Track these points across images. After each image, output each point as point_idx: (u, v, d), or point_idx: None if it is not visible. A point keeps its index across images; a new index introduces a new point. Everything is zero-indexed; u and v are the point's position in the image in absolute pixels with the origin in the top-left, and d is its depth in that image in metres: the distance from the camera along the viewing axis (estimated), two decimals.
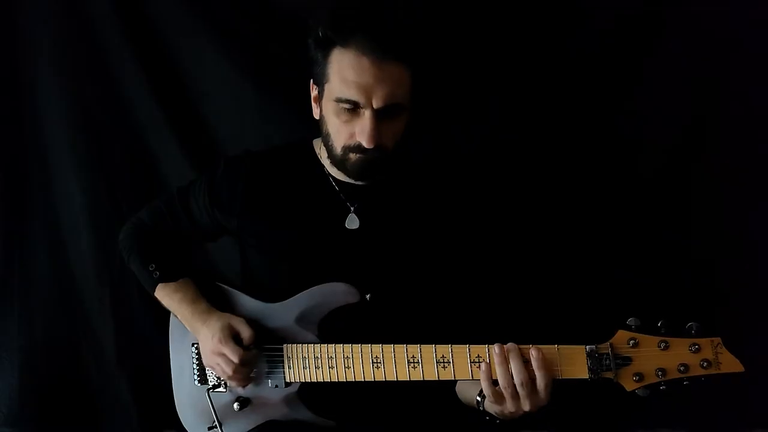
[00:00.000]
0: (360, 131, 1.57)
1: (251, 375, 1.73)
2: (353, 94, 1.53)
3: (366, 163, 1.62)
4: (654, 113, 2.19)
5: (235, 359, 1.65)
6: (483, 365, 1.47)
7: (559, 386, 1.46)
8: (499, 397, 1.47)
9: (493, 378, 1.47)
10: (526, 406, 1.46)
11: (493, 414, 1.55)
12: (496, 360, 1.45)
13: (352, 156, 1.62)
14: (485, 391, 1.48)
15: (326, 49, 1.57)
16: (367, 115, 1.55)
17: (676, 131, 2.21)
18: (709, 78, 2.15)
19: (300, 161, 1.81)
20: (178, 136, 2.41)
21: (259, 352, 1.71)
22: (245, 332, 1.68)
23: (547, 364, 1.43)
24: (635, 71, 2.18)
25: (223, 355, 1.66)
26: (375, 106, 1.54)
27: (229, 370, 1.67)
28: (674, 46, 2.15)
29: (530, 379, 1.43)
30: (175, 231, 1.90)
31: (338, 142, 1.62)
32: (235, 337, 1.68)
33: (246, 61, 2.32)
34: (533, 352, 1.44)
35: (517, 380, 1.43)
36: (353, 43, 1.52)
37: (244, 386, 1.74)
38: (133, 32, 2.35)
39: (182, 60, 2.38)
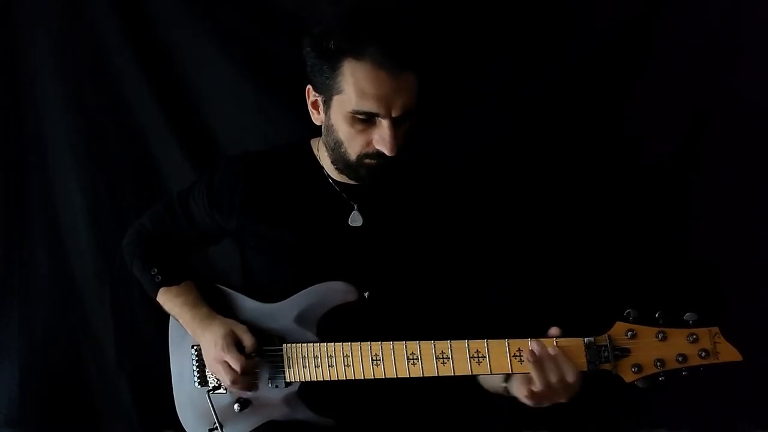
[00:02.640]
0: (380, 140, 1.56)
1: (254, 381, 1.73)
2: (373, 107, 1.52)
3: (381, 168, 1.61)
4: (655, 113, 2.19)
5: (238, 368, 1.65)
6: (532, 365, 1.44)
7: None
8: (539, 399, 1.47)
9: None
10: (563, 398, 1.46)
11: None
12: (532, 367, 1.43)
13: (368, 162, 1.61)
14: (524, 399, 1.49)
15: (335, 60, 1.54)
16: (385, 124, 1.54)
17: (677, 131, 2.21)
18: (709, 78, 2.15)
19: (299, 161, 1.81)
20: (178, 136, 2.41)
21: (262, 359, 1.71)
22: (247, 340, 1.68)
23: (569, 358, 1.43)
24: (636, 71, 2.19)
25: (225, 363, 1.66)
26: (394, 115, 1.53)
27: (230, 379, 1.67)
28: (674, 47, 2.16)
29: (563, 377, 1.43)
30: (176, 234, 1.91)
31: (353, 150, 1.61)
32: (237, 344, 1.68)
33: (246, 62, 2.32)
34: (550, 350, 1.43)
35: (553, 379, 1.42)
36: (368, 55, 1.50)
37: (246, 392, 1.74)
38: (133, 32, 2.36)
39: (182, 60, 2.38)
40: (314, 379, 1.66)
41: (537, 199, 2.24)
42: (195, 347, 1.82)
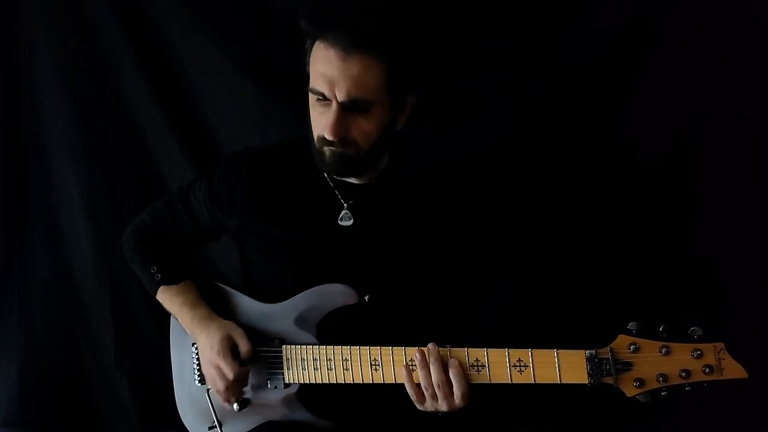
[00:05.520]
0: (325, 123, 1.56)
1: (244, 388, 1.74)
2: (321, 86, 1.53)
3: (337, 157, 1.60)
4: (655, 113, 2.17)
5: (230, 376, 1.65)
6: (404, 369, 1.54)
7: (477, 390, 1.51)
8: (420, 397, 1.54)
9: (416, 382, 1.54)
10: (443, 407, 1.53)
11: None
12: (418, 364, 1.52)
13: (326, 149, 1.61)
14: (409, 391, 1.55)
15: (310, 40, 1.58)
16: (333, 107, 1.54)
17: (676, 131, 2.20)
18: (708, 77, 2.14)
19: (298, 159, 1.78)
20: (178, 135, 2.41)
21: (258, 363, 1.71)
22: (243, 346, 1.67)
23: (462, 373, 1.50)
24: (635, 71, 2.17)
25: (218, 368, 1.66)
26: (339, 99, 1.53)
27: (222, 385, 1.68)
28: (674, 46, 2.14)
29: (447, 382, 1.50)
30: (176, 231, 1.89)
31: (315, 133, 1.62)
32: (233, 349, 1.67)
33: (246, 61, 2.32)
34: (451, 361, 1.50)
35: (434, 380, 1.50)
36: (326, 35, 1.53)
37: (232, 402, 1.74)
38: (133, 31, 2.35)
39: (182, 60, 2.38)
40: (313, 381, 1.66)
41: (535, 200, 2.23)
42: (195, 345, 1.81)
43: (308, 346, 1.66)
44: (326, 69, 1.52)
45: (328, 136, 1.55)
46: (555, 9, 2.16)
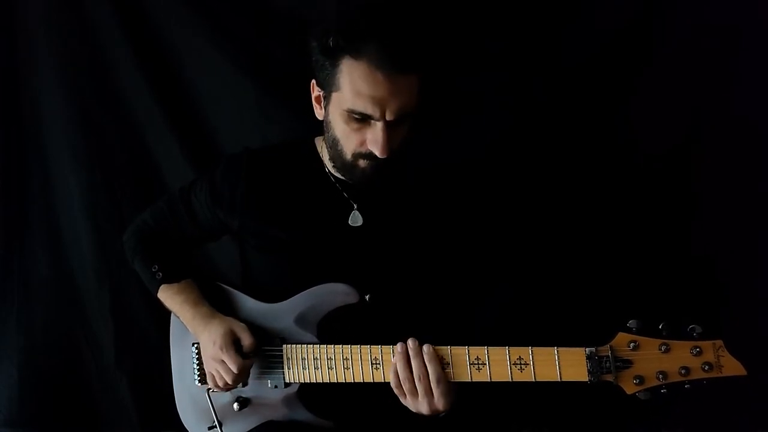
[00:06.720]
0: (372, 141, 1.54)
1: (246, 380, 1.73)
2: (367, 108, 1.50)
3: (376, 169, 1.59)
4: (655, 113, 2.18)
5: (234, 369, 1.65)
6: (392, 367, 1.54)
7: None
8: (401, 393, 1.54)
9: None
10: (423, 407, 1.53)
11: None
12: (399, 357, 1.52)
13: (362, 162, 1.59)
14: (392, 385, 1.55)
15: (335, 57, 1.52)
16: (379, 126, 1.52)
17: (676, 131, 2.20)
18: (708, 78, 2.14)
19: (301, 159, 1.79)
20: (178, 136, 2.41)
21: (259, 359, 1.71)
22: (246, 340, 1.67)
23: (436, 360, 1.50)
24: (635, 71, 2.18)
25: (222, 362, 1.66)
26: (388, 118, 1.51)
27: (228, 379, 1.67)
28: (674, 47, 2.15)
29: (426, 375, 1.50)
30: (177, 231, 1.90)
31: (348, 148, 1.60)
32: (235, 343, 1.67)
33: (246, 61, 2.32)
34: (424, 348, 1.51)
35: (415, 374, 1.50)
36: (366, 54, 1.47)
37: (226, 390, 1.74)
38: (133, 31, 2.35)
39: (182, 60, 2.38)
40: (313, 380, 1.66)
41: (537, 201, 2.23)
42: (196, 345, 1.81)
43: (309, 346, 1.66)
44: (373, 91, 1.48)
45: (381, 155, 1.53)
46: (555, 9, 2.16)
